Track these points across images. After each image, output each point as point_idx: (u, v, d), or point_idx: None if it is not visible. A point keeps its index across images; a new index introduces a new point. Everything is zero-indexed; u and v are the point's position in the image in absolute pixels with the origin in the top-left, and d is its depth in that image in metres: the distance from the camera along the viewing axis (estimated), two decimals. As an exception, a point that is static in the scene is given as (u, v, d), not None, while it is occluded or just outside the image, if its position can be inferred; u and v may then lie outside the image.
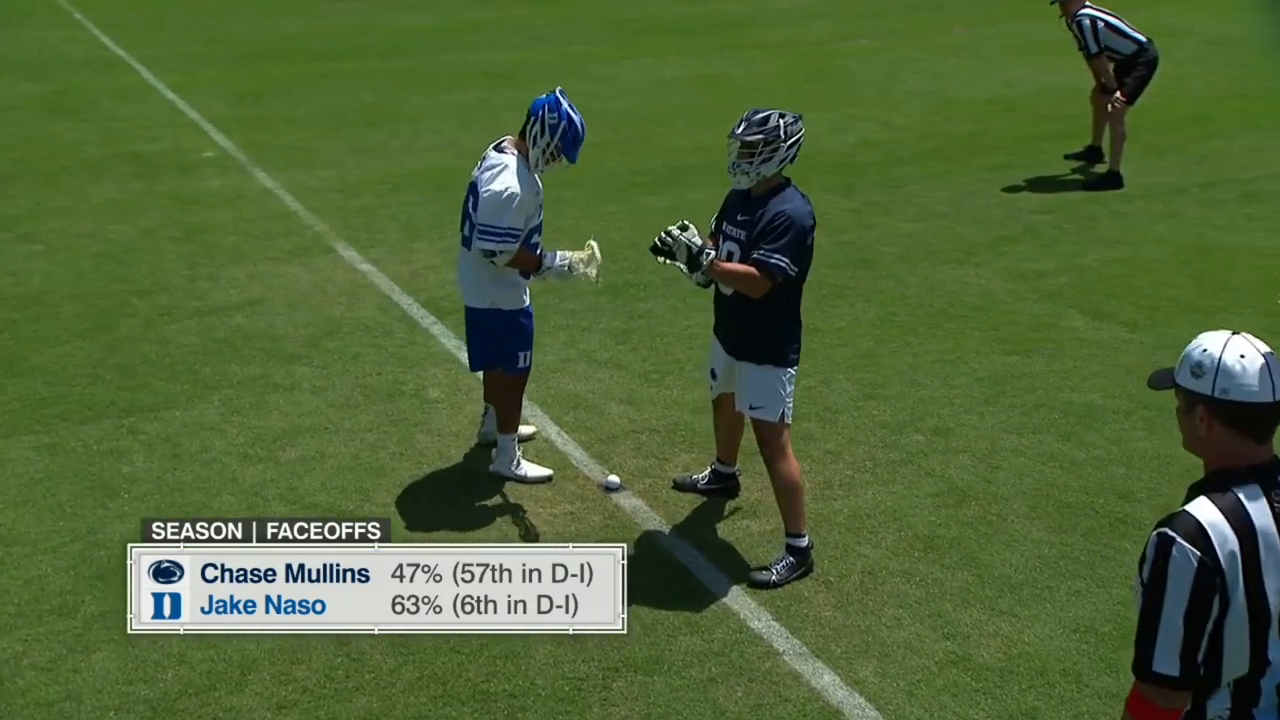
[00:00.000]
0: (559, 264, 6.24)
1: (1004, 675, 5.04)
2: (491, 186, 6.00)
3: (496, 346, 6.35)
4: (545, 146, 6.05)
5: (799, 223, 5.42)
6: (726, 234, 5.64)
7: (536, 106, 6.07)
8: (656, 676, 5.08)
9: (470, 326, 6.45)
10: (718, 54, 17.14)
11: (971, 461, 6.64)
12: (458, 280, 6.54)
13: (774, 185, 5.54)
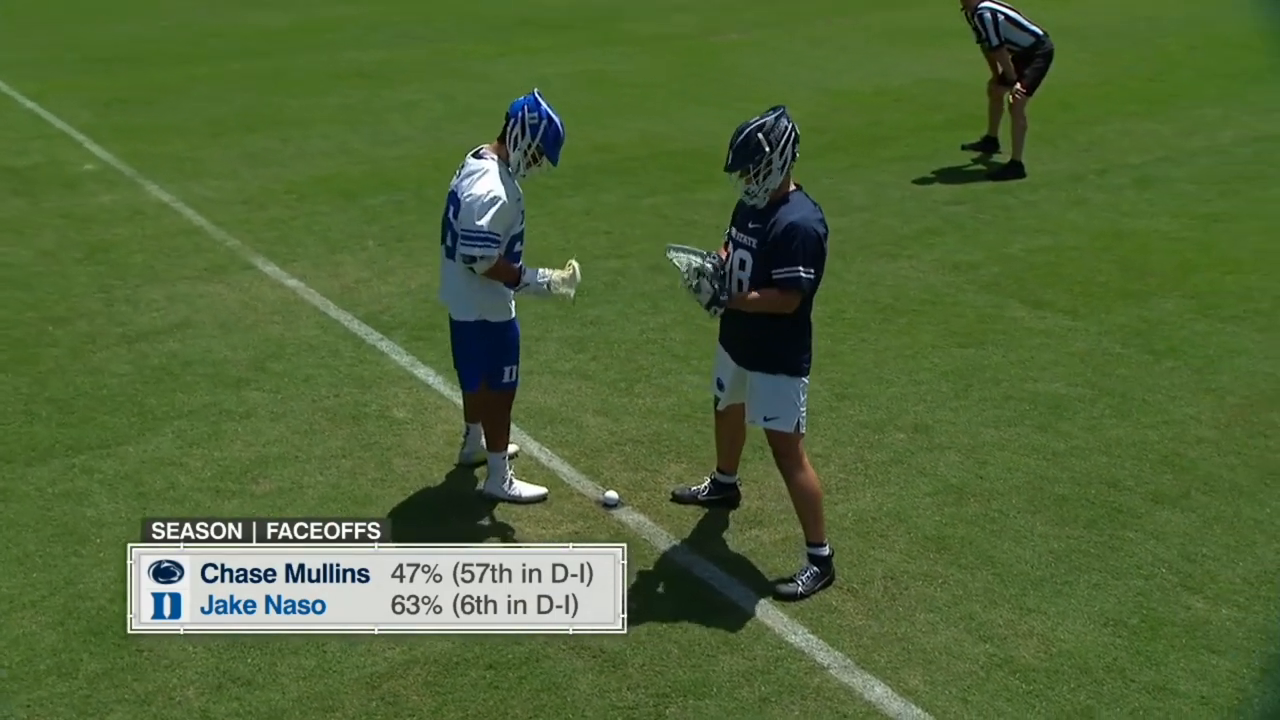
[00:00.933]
0: (538, 281, 6.05)
1: (1050, 676, 5.05)
2: (472, 191, 5.80)
3: (483, 361, 6.13)
4: (526, 148, 5.86)
5: (811, 230, 5.36)
6: (738, 241, 5.55)
7: (515, 108, 5.89)
8: (708, 700, 4.96)
9: (456, 341, 6.21)
10: (591, 49, 16.98)
11: (959, 458, 6.67)
12: (441, 295, 6.29)
13: (784, 192, 5.45)
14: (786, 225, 5.32)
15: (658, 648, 5.25)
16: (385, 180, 11.47)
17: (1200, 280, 8.99)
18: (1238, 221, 10.25)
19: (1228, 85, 14.58)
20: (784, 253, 5.31)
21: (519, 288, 6.04)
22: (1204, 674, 5.04)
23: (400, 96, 14.48)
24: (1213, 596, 5.52)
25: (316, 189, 11.24)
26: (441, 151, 12.36)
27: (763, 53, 16.55)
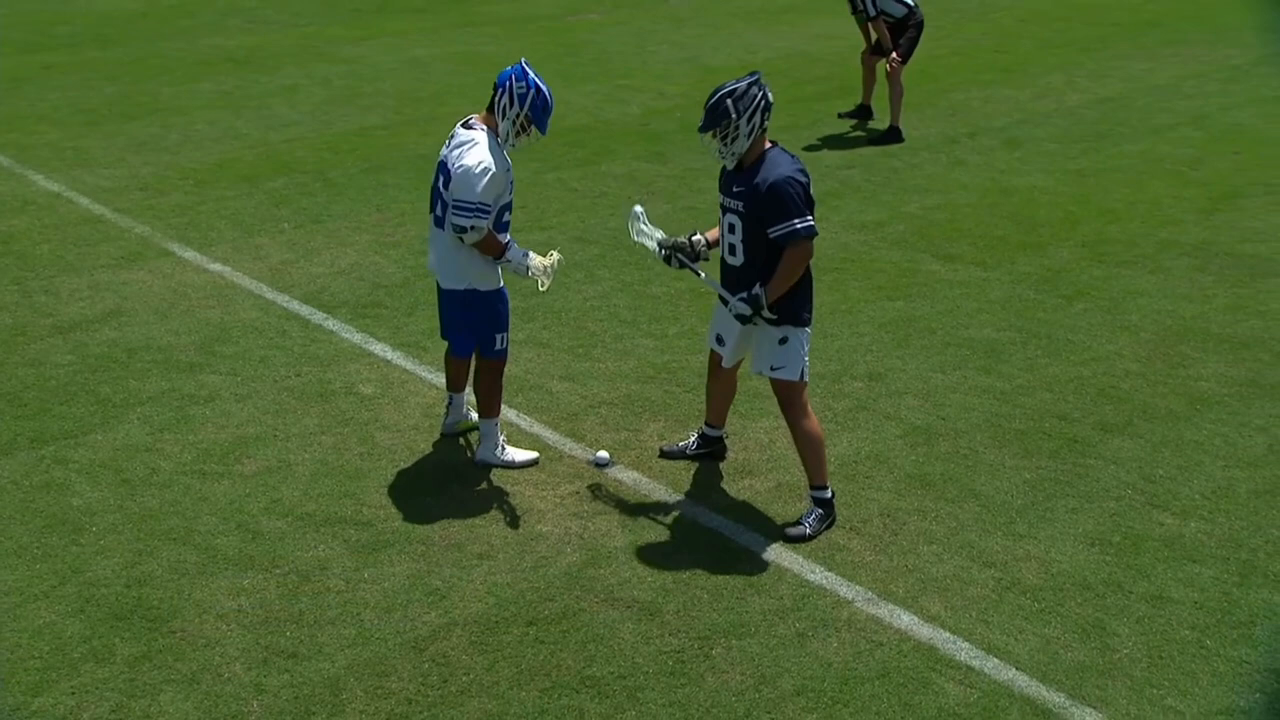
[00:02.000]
0: (520, 259, 6.04)
1: (1056, 594, 5.32)
2: (464, 161, 5.77)
3: (474, 329, 6.12)
4: (515, 118, 5.86)
5: (794, 182, 5.49)
6: (725, 206, 5.65)
7: (503, 78, 5.88)
8: (749, 639, 5.08)
9: (447, 309, 6.17)
10: (458, 31, 16.81)
11: (917, 402, 6.92)
12: (431, 264, 6.24)
13: (758, 152, 5.56)
14: (769, 185, 5.44)
15: (687, 595, 5.34)
16: (282, 164, 11.21)
17: (1087, 230, 9.45)
18: (1103, 176, 10.78)
19: (1065, 54, 15.26)
20: (776, 211, 5.43)
21: (501, 261, 6.03)
22: (1191, 582, 5.37)
23: (277, 81, 14.12)
24: (1179, 512, 5.87)
25: (215, 174, 10.92)
26: (332, 134, 12.16)
27: (629, 32, 16.63)
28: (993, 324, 7.85)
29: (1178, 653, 4.95)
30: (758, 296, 5.52)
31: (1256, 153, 11.32)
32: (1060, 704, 4.67)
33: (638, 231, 6.02)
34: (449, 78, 14.30)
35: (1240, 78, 14.00)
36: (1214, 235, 9.31)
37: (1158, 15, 17.26)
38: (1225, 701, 4.69)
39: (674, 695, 4.77)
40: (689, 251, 5.85)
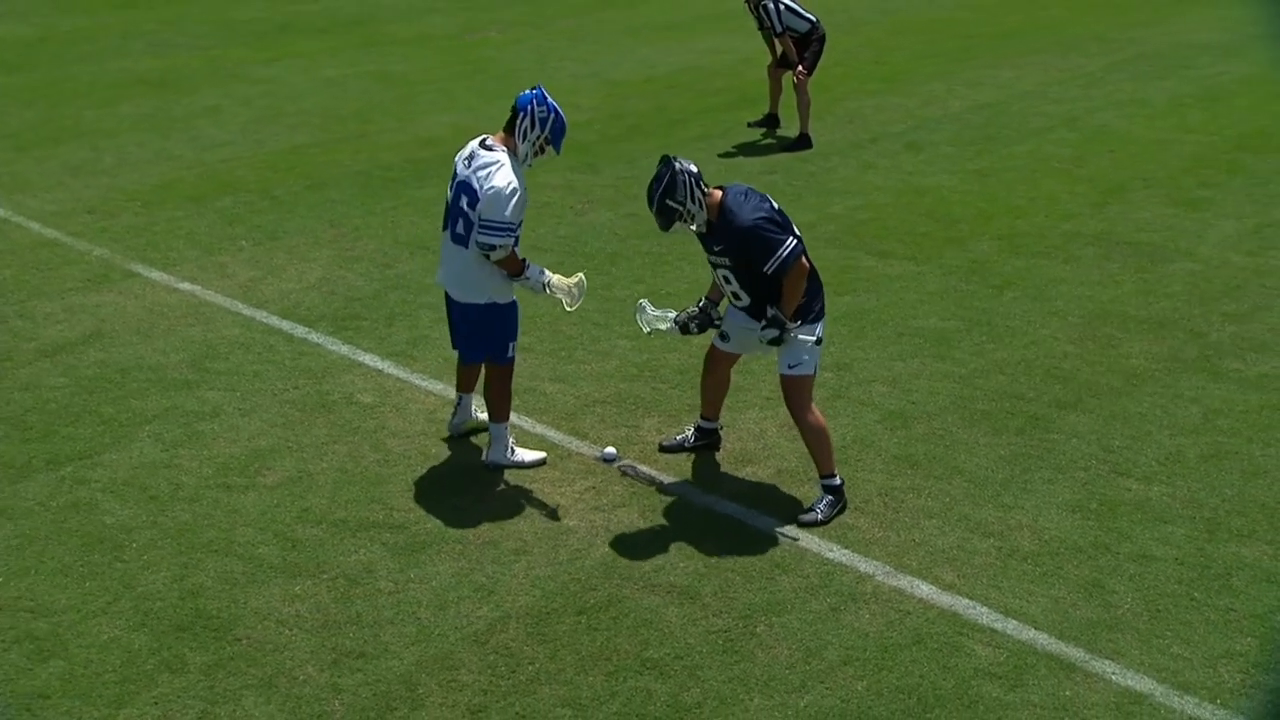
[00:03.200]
0: (538, 277, 6.08)
1: (1053, 558, 5.58)
2: (494, 183, 5.80)
3: (490, 339, 6.14)
4: (535, 140, 5.91)
5: (759, 217, 5.65)
6: (714, 263, 5.82)
7: (524, 101, 5.91)
8: (787, 616, 5.22)
9: (463, 322, 6.18)
10: (363, 51, 16.58)
11: (886, 389, 7.14)
12: (442, 279, 6.24)
13: (717, 203, 5.70)
14: (741, 233, 5.61)
15: (721, 578, 5.46)
16: (224, 184, 10.97)
17: (999, 225, 9.82)
18: (1000, 175, 11.19)
19: (938, 64, 15.74)
20: (758, 252, 5.59)
21: (519, 279, 6.06)
22: (1167, 540, 5.68)
23: (198, 103, 13.77)
24: (1141, 478, 6.19)
25: (160, 195, 10.64)
26: (266, 153, 11.94)
27: (529, 50, 16.62)
28: (936, 314, 8.12)
29: (1171, 605, 5.23)
30: (777, 317, 5.66)
31: (1127, 151, 11.86)
32: (1081, 658, 4.91)
33: (648, 322, 6.17)
34: (368, 96, 14.13)
35: (1096, 83, 14.61)
36: (1110, 226, 9.75)
37: (1012, 28, 17.89)
38: (1223, 646, 4.98)
39: (730, 671, 4.88)
40: (703, 318, 5.98)
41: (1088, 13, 18.71)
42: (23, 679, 4.82)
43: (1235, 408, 6.88)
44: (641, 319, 6.20)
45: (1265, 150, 11.76)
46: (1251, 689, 4.75)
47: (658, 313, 6.18)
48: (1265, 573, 5.43)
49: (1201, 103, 13.60)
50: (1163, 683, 4.77)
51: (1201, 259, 9.05)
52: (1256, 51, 15.86)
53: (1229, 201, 10.35)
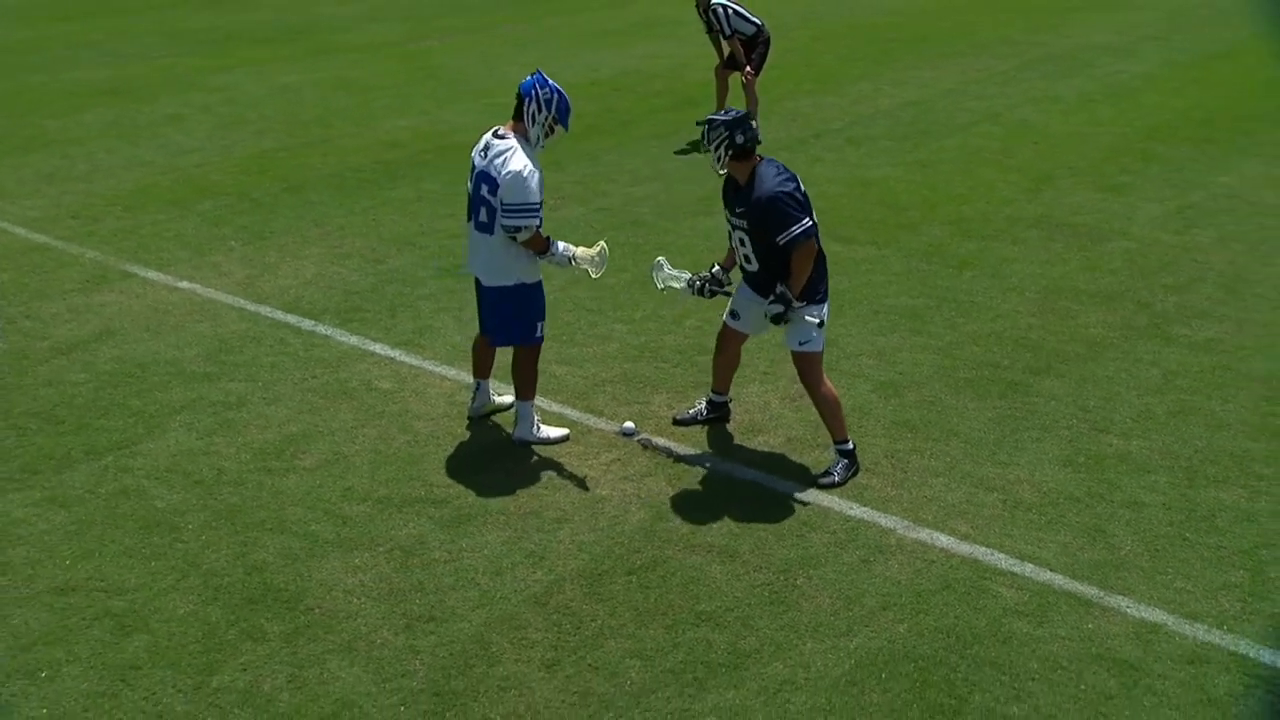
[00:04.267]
0: (563, 252, 6.18)
1: (1055, 508, 5.83)
2: (511, 168, 5.88)
3: (521, 320, 6.21)
4: (544, 121, 5.99)
5: (782, 191, 5.80)
6: (733, 224, 5.94)
7: (526, 88, 5.98)
8: (822, 568, 5.39)
9: (492, 305, 6.24)
10: (314, 59, 16.41)
11: (873, 362, 7.35)
12: (469, 266, 6.30)
13: (750, 169, 5.86)
14: (764, 201, 5.75)
15: (755, 537, 5.61)
16: (201, 188, 10.84)
17: (947, 211, 10.12)
18: (938, 166, 11.51)
19: (862, 66, 16.05)
20: (775, 222, 5.74)
21: (545, 256, 6.14)
22: (1153, 488, 5.97)
23: (161, 111, 13.55)
24: (1120, 434, 6.48)
25: (140, 200, 10.48)
26: (237, 158, 11.81)
27: (476, 56, 16.59)
28: (905, 293, 8.36)
29: (1167, 545, 5.51)
30: (784, 294, 5.80)
31: (1049, 143, 12.26)
32: (1096, 595, 5.16)
33: (663, 279, 6.27)
34: (326, 102, 14.02)
35: (1010, 82, 15.05)
36: (1047, 210, 10.11)
37: (924, 33, 18.30)
38: (1220, 579, 5.27)
39: (780, 620, 5.04)
40: (716, 280, 6.11)
41: (993, 18, 19.22)
42: (110, 652, 4.80)
43: (1190, 369, 7.21)
44: (657, 275, 6.30)
45: (1173, 140, 12.24)
46: (1251, 615, 5.02)
47: (674, 272, 6.28)
48: (1244, 513, 5.74)
49: (1109, 98, 14.09)
50: (1173, 613, 5.03)
51: (1135, 238, 9.43)
52: (1149, 52, 16.46)
53: (1149, 186, 10.77)
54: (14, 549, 5.49)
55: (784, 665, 4.76)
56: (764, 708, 4.54)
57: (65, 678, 4.69)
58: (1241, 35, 17.44)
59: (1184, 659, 4.78)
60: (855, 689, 4.64)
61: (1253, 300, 8.20)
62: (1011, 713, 4.51)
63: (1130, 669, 4.72)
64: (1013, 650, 4.83)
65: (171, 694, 4.60)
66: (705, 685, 4.67)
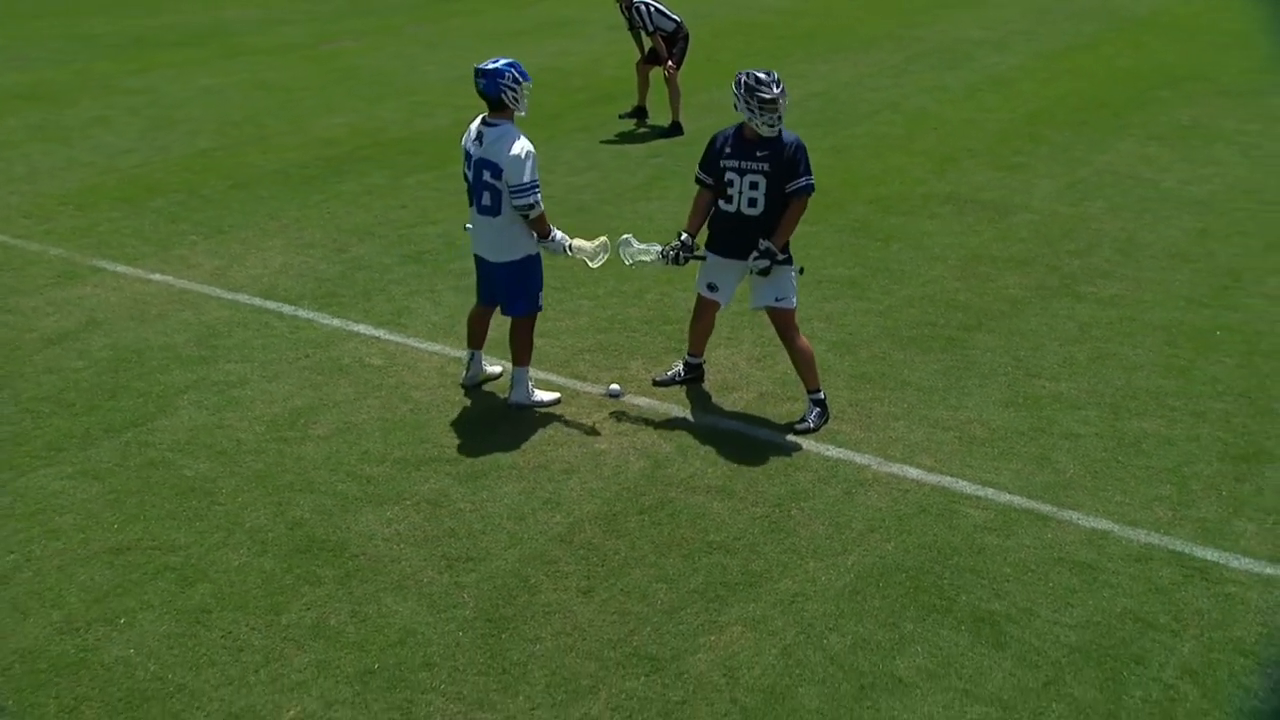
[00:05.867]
0: (560, 240, 6.61)
1: (1005, 440, 6.51)
2: (512, 153, 6.32)
3: (528, 289, 6.65)
4: (523, 91, 6.40)
5: (805, 146, 6.41)
6: (746, 169, 6.44)
7: (491, 87, 6.33)
8: (812, 501, 5.98)
9: (504, 281, 6.63)
10: (229, 61, 16.48)
11: (824, 325, 7.98)
12: (477, 249, 6.69)
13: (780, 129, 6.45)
14: (796, 144, 6.34)
15: (747, 477, 6.17)
16: (148, 186, 11.00)
17: (866, 191, 10.83)
18: (851, 151, 12.23)
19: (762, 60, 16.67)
20: (802, 166, 6.33)
21: (544, 241, 6.59)
22: (1086, 421, 6.70)
23: (85, 113, 13.57)
24: (1050, 378, 7.21)
25: (90, 199, 10.60)
26: (175, 158, 11.97)
27: (391, 57, 16.84)
28: (842, 264, 9.02)
29: (1104, 469, 6.23)
30: (769, 249, 6.37)
31: (947, 128, 13.09)
32: (1051, 511, 5.85)
33: (631, 255, 6.74)
34: (251, 103, 14.17)
35: (901, 74, 15.91)
36: (955, 188, 10.89)
37: (812, 29, 19.11)
38: (1152, 493, 6.00)
39: (783, 544, 5.61)
40: (686, 247, 6.63)
41: (874, 15, 20.14)
42: (179, 599, 5.14)
43: (1101, 321, 8.00)
44: (625, 252, 6.79)
45: (1055, 124, 13.18)
46: (1181, 520, 5.77)
47: (642, 246, 6.78)
48: (1165, 439, 6.50)
49: (992, 87, 15.03)
50: (1117, 522, 5.74)
51: (1036, 210, 10.26)
52: (1020, 45, 17.52)
53: (1040, 165, 11.64)
54: (60, 517, 5.76)
55: (793, 581, 5.33)
56: (782, 615, 5.10)
57: (143, 623, 5.01)
58: (1099, 29, 18.66)
59: (1131, 558, 5.48)
60: (859, 596, 5.23)
61: (1146, 261, 9.06)
62: (994, 608, 5.14)
63: (1088, 568, 5.40)
64: (987, 559, 5.48)
65: (246, 631, 4.96)
66: (727, 601, 5.20)
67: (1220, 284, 8.58)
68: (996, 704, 4.60)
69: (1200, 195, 10.57)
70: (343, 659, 4.83)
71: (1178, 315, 8.06)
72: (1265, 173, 11.18)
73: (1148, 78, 15.20)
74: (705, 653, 4.87)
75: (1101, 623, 5.05)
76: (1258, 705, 4.60)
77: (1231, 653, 4.87)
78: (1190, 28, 18.63)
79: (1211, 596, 5.21)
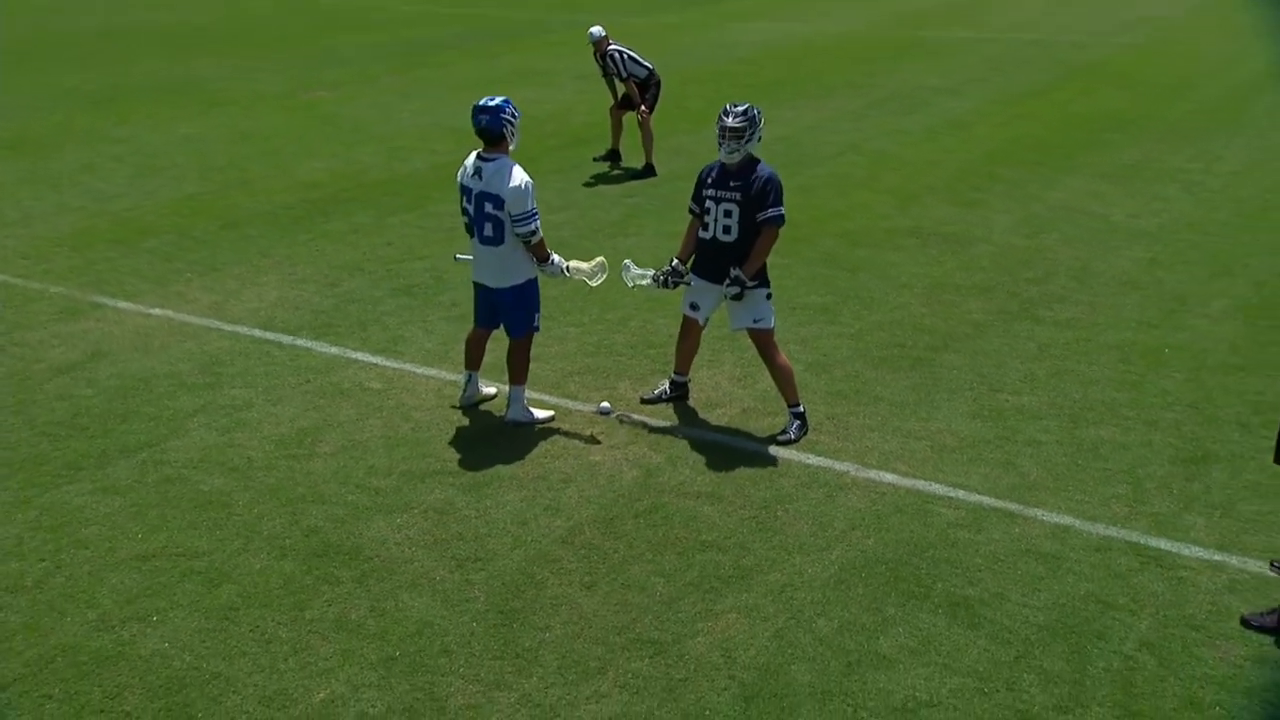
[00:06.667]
0: (558, 263, 7.06)
1: (973, 448, 6.97)
2: (512, 184, 6.77)
3: (528, 312, 7.07)
4: (518, 126, 6.88)
5: (778, 180, 6.91)
6: (721, 198, 6.93)
7: (493, 124, 6.78)
8: (796, 504, 6.41)
9: (508, 305, 7.04)
10: (208, 112, 16.88)
11: (799, 348, 8.44)
12: (479, 277, 7.10)
13: (749, 159, 6.94)
14: (766, 178, 6.83)
15: (734, 483, 6.60)
16: (140, 229, 11.35)
17: (833, 226, 11.37)
18: (817, 190, 12.77)
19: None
20: (767, 197, 6.81)
21: (543, 265, 7.03)
22: (1047, 430, 7.19)
23: (72, 161, 13.92)
24: (1012, 392, 7.71)
25: (84, 241, 10.94)
26: (164, 201, 12.33)
27: (368, 104, 17.31)
28: (814, 292, 9.52)
29: (1065, 471, 6.71)
30: (739, 277, 6.84)
31: (908, 168, 13.70)
32: (1017, 509, 6.30)
33: (632, 278, 7.23)
34: (233, 150, 14.57)
35: (861, 119, 16.56)
36: (918, 223, 11.45)
37: (777, 78, 19.79)
38: (1109, 492, 6.48)
39: (771, 542, 6.03)
40: (676, 272, 7.10)
41: (834, 64, 20.88)
42: (207, 599, 5.48)
43: (1059, 341, 8.53)
44: (626, 276, 7.26)
45: (1010, 164, 13.83)
46: (1137, 515, 6.25)
47: (640, 271, 7.26)
48: (1120, 444, 7.00)
49: (949, 130, 15.70)
50: (1078, 518, 6.21)
51: (995, 243, 10.82)
52: (975, 92, 18.26)
53: (997, 201, 12.25)
54: (85, 528, 6.09)
55: (782, 574, 5.74)
56: (773, 603, 5.51)
57: (174, 620, 5.35)
58: (1050, 76, 19.46)
59: (1092, 548, 5.94)
60: (844, 586, 5.65)
61: (1099, 287, 9.62)
62: (969, 593, 5.58)
63: (1052, 558, 5.86)
64: (960, 551, 5.92)
65: (273, 626, 5.31)
66: (721, 592, 5.61)
67: (1168, 307, 9.14)
68: (973, 675, 5.02)
69: (1148, 228, 11.18)
70: (365, 648, 5.18)
71: (1130, 335, 8.59)
72: (1207, 207, 11.84)
73: (1097, 121, 15.93)
74: (704, 637, 5.26)
75: (1066, 604, 5.49)
76: (1208, 672, 5.05)
77: (1184, 628, 5.32)
78: (1135, 75, 19.47)
79: (1165, 580, 5.67)
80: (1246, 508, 6.27)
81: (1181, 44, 22.67)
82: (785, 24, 26.44)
